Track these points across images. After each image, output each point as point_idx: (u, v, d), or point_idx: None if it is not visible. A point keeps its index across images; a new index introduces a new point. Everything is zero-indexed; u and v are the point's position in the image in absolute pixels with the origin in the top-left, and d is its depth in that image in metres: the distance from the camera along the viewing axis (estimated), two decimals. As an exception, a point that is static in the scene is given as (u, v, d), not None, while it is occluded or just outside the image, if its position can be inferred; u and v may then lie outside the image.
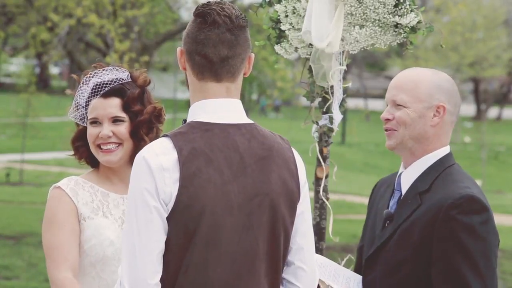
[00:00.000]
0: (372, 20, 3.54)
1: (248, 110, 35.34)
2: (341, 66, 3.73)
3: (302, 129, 4.34)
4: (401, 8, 3.50)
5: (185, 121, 2.71)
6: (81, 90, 3.32)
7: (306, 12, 3.55)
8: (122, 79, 3.31)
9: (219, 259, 2.60)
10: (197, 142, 2.61)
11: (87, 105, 3.30)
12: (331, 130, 3.79)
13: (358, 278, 3.21)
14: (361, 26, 3.57)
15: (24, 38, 21.63)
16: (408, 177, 3.16)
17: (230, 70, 2.68)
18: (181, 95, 37.30)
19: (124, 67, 3.39)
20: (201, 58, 2.67)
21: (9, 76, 46.01)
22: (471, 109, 48.89)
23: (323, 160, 3.79)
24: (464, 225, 2.96)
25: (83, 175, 3.36)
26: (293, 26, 3.67)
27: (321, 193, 3.77)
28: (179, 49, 2.73)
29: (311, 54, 3.69)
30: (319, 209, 3.79)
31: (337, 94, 3.74)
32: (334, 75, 3.69)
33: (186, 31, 2.71)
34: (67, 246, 3.17)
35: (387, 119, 3.17)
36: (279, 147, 2.73)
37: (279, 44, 3.75)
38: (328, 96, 3.76)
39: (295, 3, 3.64)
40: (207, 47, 2.65)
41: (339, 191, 16.48)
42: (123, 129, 3.27)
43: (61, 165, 19.65)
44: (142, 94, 3.33)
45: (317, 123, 3.80)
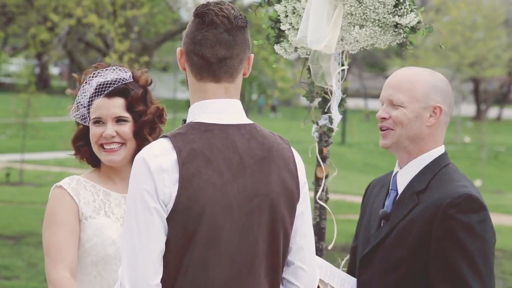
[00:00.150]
0: (372, 20, 3.54)
1: (248, 110, 35.33)
2: (342, 67, 3.72)
3: (302, 129, 4.33)
4: (401, 8, 3.50)
5: (185, 121, 2.71)
6: (83, 90, 3.32)
7: (303, 17, 3.55)
8: (125, 79, 3.31)
9: (219, 260, 2.60)
10: (197, 143, 2.61)
11: (90, 105, 3.30)
12: (331, 130, 3.79)
13: (353, 281, 3.21)
14: (361, 26, 3.57)
15: (24, 38, 21.60)
16: (404, 177, 3.16)
17: (228, 71, 2.68)
18: (181, 95, 37.33)
19: (126, 67, 3.39)
20: (199, 59, 2.67)
21: (9, 76, 46.00)
22: (471, 109, 48.88)
23: (323, 160, 3.79)
24: (463, 224, 2.96)
25: (85, 174, 3.36)
26: (293, 26, 3.67)
27: (321, 193, 3.77)
28: (179, 50, 2.73)
29: (310, 55, 3.69)
30: (319, 209, 3.79)
31: (336, 94, 3.74)
32: (333, 76, 3.69)
33: (186, 31, 2.71)
34: (66, 246, 3.17)
35: (383, 118, 3.17)
36: (279, 147, 2.73)
37: (279, 44, 3.75)
38: (328, 96, 3.76)
39: (295, 3, 3.64)
40: (205, 48, 2.65)
41: (339, 191, 16.48)
42: (127, 129, 3.27)
43: (61, 165, 19.65)
44: (145, 95, 3.33)
45: (317, 123, 3.80)
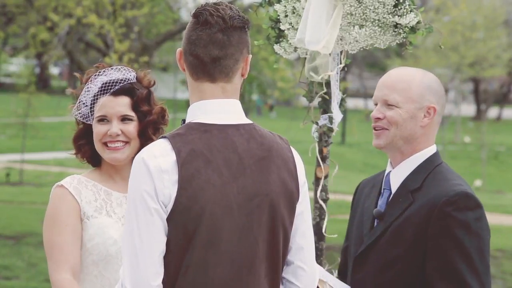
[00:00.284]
0: (372, 20, 3.54)
1: (248, 110, 35.34)
2: (339, 65, 3.72)
3: (302, 129, 4.33)
4: (401, 8, 3.51)
5: (184, 121, 2.72)
6: (87, 88, 3.32)
7: (302, 17, 3.55)
8: (130, 79, 3.32)
9: (219, 260, 2.60)
10: (196, 143, 2.61)
11: (94, 103, 3.30)
12: (331, 130, 3.79)
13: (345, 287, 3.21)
14: (361, 26, 3.57)
15: (24, 38, 21.59)
16: (398, 176, 3.17)
17: (223, 71, 2.68)
18: (181, 95, 37.35)
19: (129, 68, 3.40)
20: (194, 58, 2.68)
21: (9, 76, 46.03)
22: (471, 109, 48.89)
23: (323, 160, 3.79)
24: (460, 222, 2.97)
25: (85, 174, 3.35)
26: (293, 26, 3.67)
27: (320, 193, 3.77)
28: (179, 50, 2.74)
29: (308, 54, 3.69)
30: (319, 209, 3.79)
31: (336, 94, 3.74)
32: (332, 76, 3.69)
33: (184, 32, 2.73)
34: (68, 247, 3.16)
35: (378, 118, 3.17)
36: (278, 147, 2.73)
37: (279, 44, 3.75)
38: (327, 96, 3.76)
39: (295, 3, 3.64)
40: (198, 47, 2.66)
41: (339, 191, 16.48)
42: (132, 128, 3.28)
43: (61, 165, 19.64)
44: (149, 95, 3.35)
45: (317, 123, 3.80)
